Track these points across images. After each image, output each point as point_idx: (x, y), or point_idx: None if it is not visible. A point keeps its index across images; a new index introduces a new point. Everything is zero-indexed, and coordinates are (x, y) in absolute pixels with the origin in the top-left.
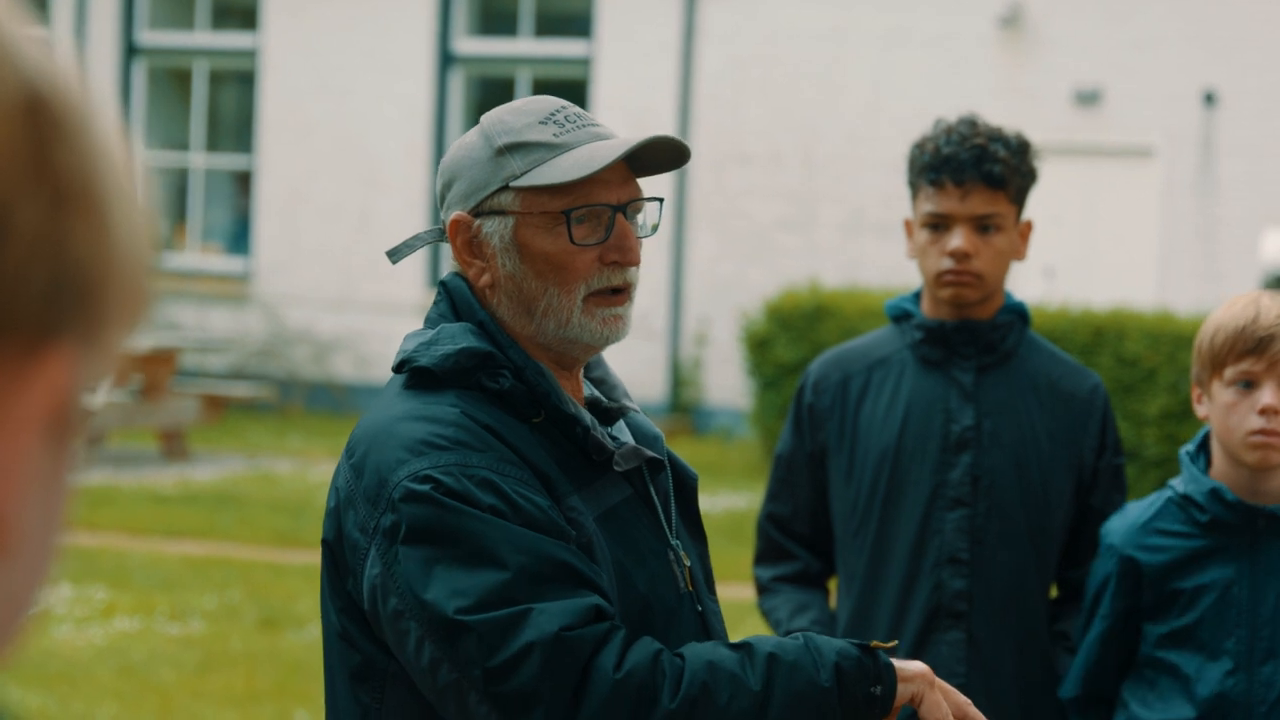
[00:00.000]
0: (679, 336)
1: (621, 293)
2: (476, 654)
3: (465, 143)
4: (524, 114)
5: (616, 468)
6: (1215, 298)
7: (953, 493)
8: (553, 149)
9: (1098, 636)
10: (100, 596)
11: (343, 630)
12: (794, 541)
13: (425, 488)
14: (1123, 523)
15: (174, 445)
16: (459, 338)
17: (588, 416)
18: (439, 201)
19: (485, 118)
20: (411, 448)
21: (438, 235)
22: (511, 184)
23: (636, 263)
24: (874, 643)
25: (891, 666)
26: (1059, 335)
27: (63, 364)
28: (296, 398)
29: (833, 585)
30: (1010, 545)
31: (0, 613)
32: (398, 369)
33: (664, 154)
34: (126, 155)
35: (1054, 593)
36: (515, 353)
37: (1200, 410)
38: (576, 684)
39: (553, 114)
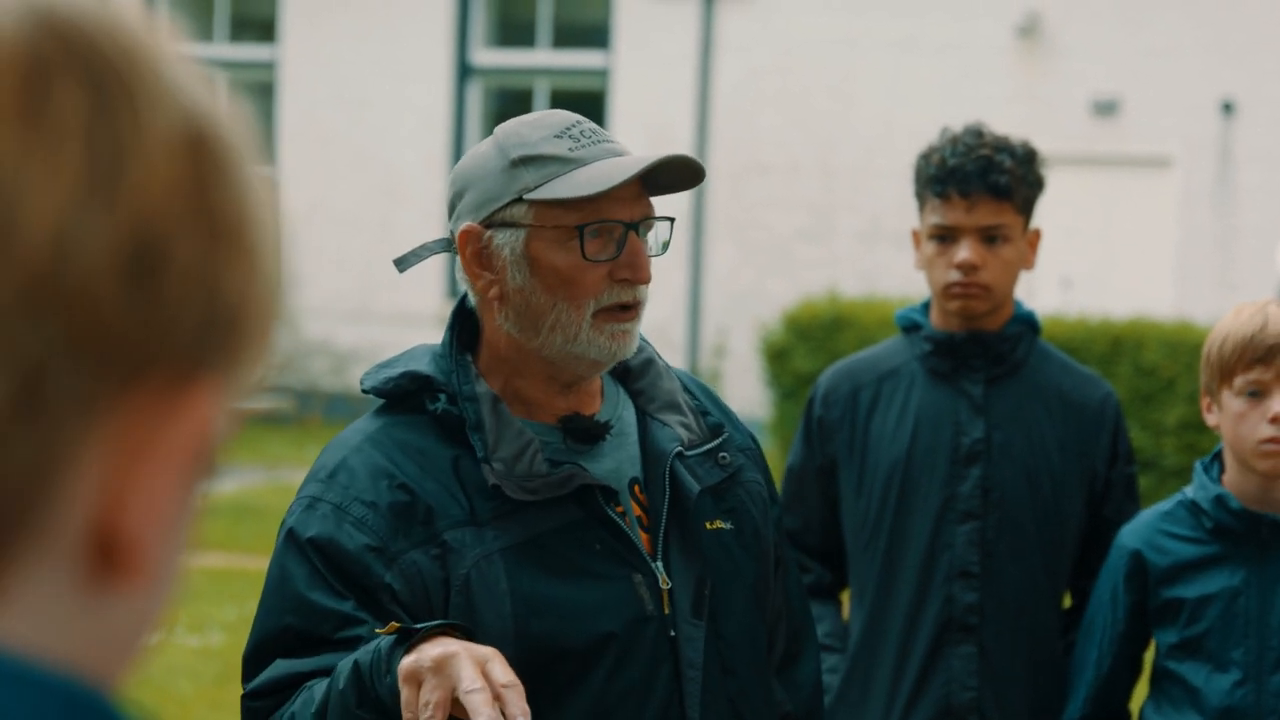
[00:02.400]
0: (697, 348)
1: (630, 309)
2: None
3: (478, 153)
4: (539, 127)
5: (512, 495)
6: (1233, 307)
7: (963, 505)
8: (567, 163)
9: (1109, 646)
10: None
11: None
12: (806, 554)
13: (281, 534)
14: (1136, 524)
15: None
16: (414, 360)
17: (519, 443)
18: (449, 211)
19: (500, 129)
20: (311, 473)
21: (445, 245)
22: (525, 196)
23: (647, 280)
24: (378, 629)
25: (399, 654)
26: (1077, 345)
27: (208, 398)
28: (315, 409)
29: (845, 597)
30: (1021, 558)
31: (125, 637)
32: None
33: (678, 173)
34: (269, 192)
35: (1067, 602)
36: (458, 378)
37: (1210, 419)
38: None
39: (568, 128)
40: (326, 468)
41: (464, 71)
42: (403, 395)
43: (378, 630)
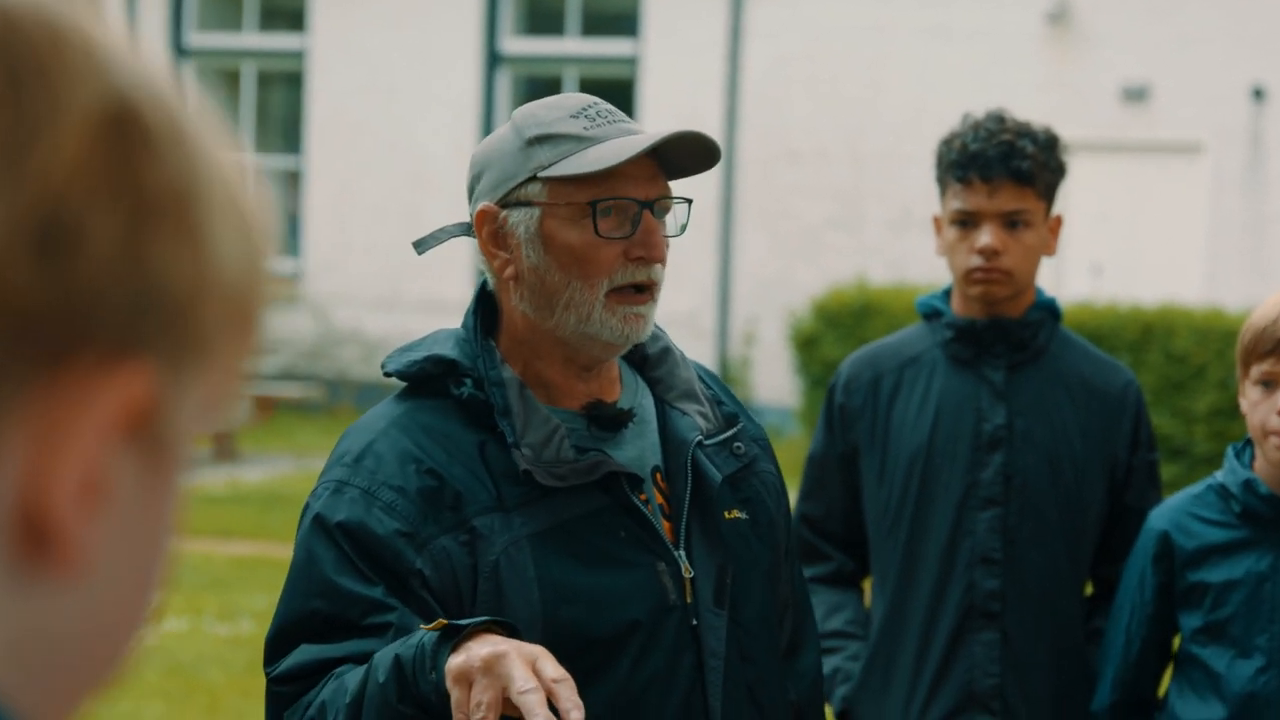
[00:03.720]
0: (727, 336)
1: (645, 291)
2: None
3: (497, 135)
4: (555, 108)
5: (543, 481)
6: (1264, 294)
7: (985, 492)
8: (582, 141)
9: (1137, 628)
10: None
11: None
12: (828, 541)
13: (306, 518)
14: (1165, 506)
15: (224, 446)
16: (438, 344)
17: (548, 427)
18: (469, 194)
19: (517, 112)
20: (335, 457)
21: (464, 229)
22: (539, 174)
23: (661, 260)
24: (422, 625)
25: (445, 652)
26: (1107, 332)
27: (139, 379)
28: (345, 398)
29: (867, 585)
30: (1043, 544)
31: (69, 636)
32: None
33: (695, 155)
34: (235, 171)
35: (1089, 590)
36: (484, 362)
37: (1243, 405)
38: None
39: (584, 109)
40: (351, 452)
41: (493, 60)
42: (426, 379)
43: (422, 626)
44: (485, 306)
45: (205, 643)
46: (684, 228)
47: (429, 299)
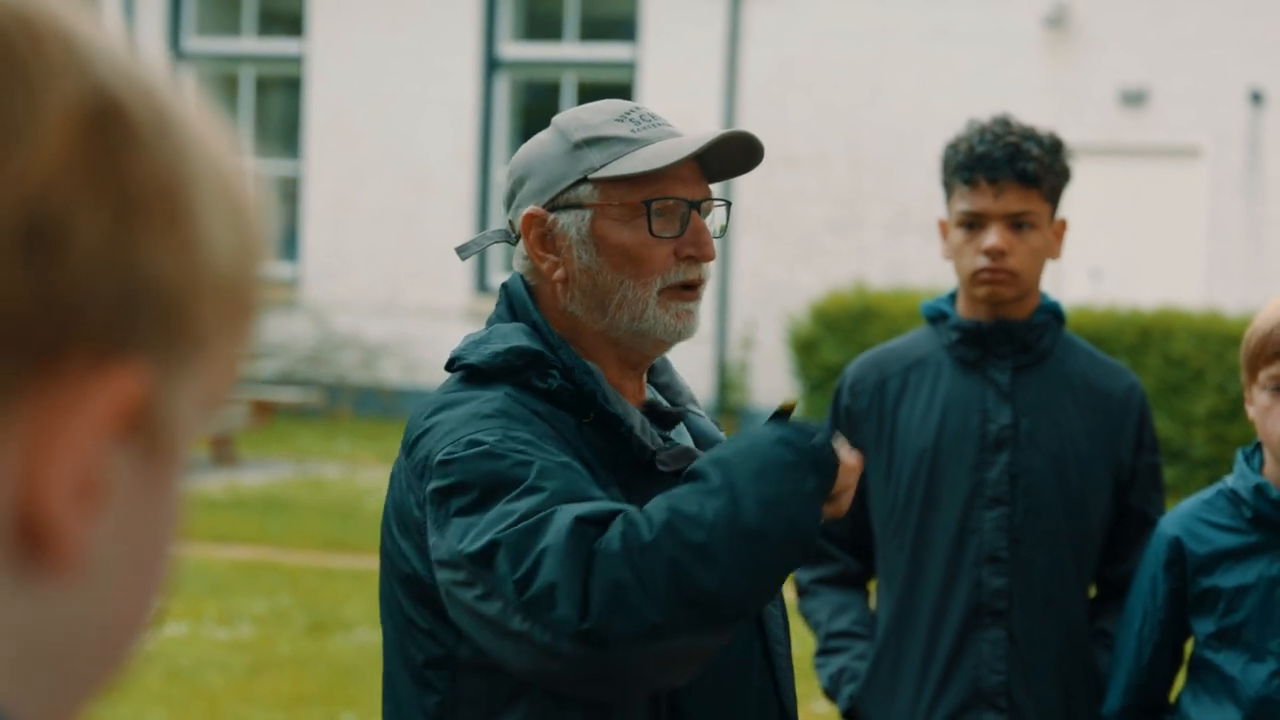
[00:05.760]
0: (725, 340)
1: (694, 288)
2: (507, 568)
3: (539, 140)
4: (600, 113)
5: (661, 468)
6: (1263, 298)
7: (991, 492)
8: (631, 143)
9: (1149, 633)
10: None
11: (411, 621)
12: (833, 543)
13: (464, 451)
14: (1176, 511)
15: (223, 450)
16: (510, 337)
17: (637, 417)
18: (507, 201)
19: (557, 119)
20: (456, 423)
21: (504, 235)
22: (590, 176)
23: (712, 257)
24: (783, 405)
25: (825, 433)
26: (1105, 336)
27: (134, 377)
28: (345, 402)
29: (872, 586)
30: (1048, 544)
31: (88, 639)
32: (449, 367)
33: (734, 157)
34: (229, 162)
35: (1093, 592)
36: (566, 353)
37: (1250, 411)
38: (586, 566)
39: (628, 113)
40: (458, 418)
41: (492, 65)
42: (510, 370)
43: (779, 406)
44: (518, 307)
45: (205, 647)
46: (724, 229)
47: (428, 305)
